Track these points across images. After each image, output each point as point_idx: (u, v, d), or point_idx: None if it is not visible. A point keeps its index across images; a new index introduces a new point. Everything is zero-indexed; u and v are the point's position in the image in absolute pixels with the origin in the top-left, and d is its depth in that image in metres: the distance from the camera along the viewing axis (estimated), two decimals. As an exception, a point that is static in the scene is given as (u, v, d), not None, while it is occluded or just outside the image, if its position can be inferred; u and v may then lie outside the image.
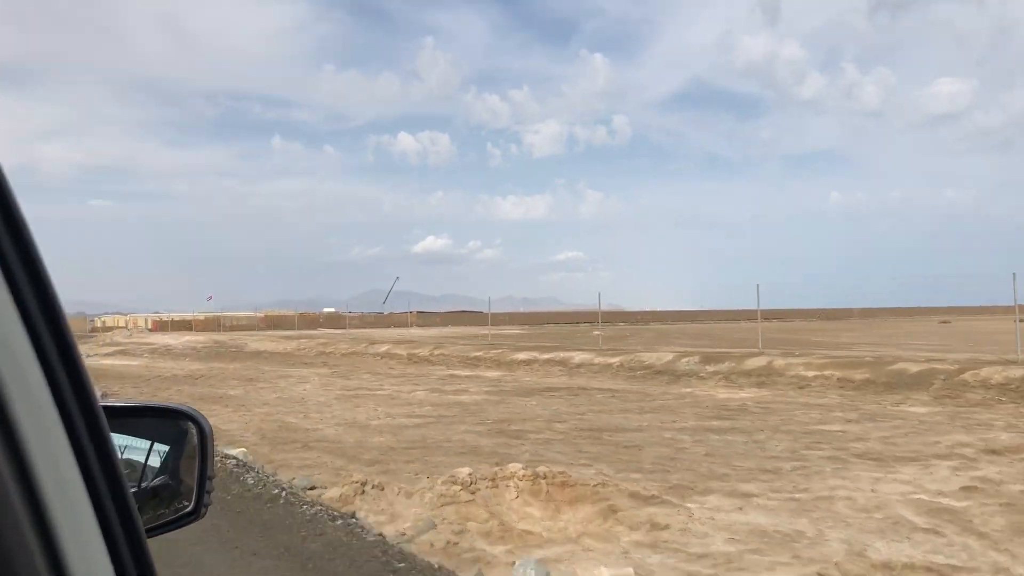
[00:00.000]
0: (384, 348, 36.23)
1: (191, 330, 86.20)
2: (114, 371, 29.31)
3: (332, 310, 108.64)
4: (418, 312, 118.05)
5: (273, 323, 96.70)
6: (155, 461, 1.55)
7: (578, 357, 26.50)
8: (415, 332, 57.76)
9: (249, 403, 18.52)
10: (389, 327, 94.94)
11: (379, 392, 20.34)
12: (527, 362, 27.58)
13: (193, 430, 1.54)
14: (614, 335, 56.91)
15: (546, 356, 27.74)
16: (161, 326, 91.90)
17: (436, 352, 32.71)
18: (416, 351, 34.19)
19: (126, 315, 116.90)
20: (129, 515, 0.92)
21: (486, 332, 64.70)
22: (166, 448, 1.56)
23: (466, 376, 24.72)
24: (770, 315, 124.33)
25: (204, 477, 1.52)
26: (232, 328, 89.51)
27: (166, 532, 1.46)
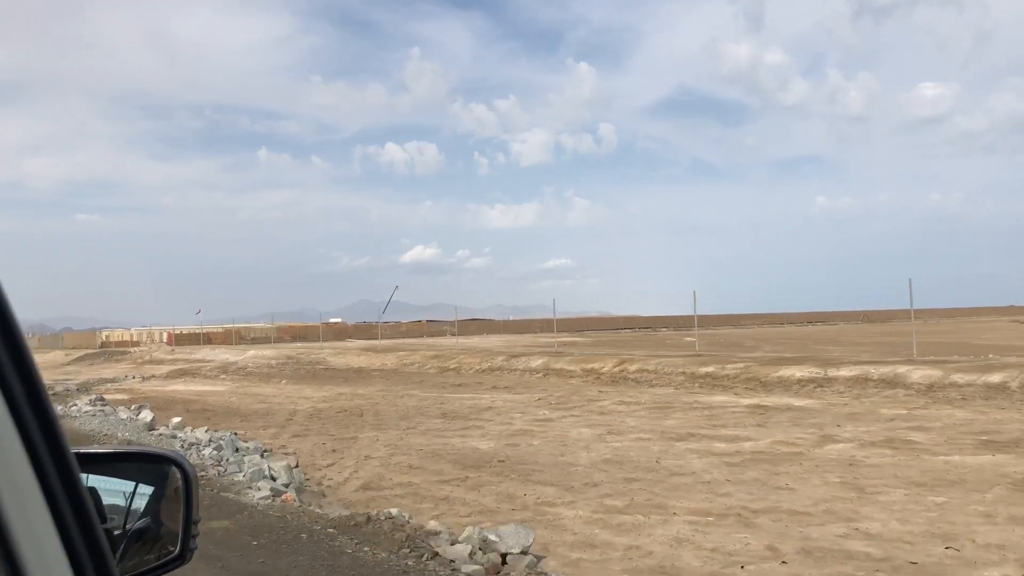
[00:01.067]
0: (538, 363, 27.64)
1: (212, 343, 77.54)
2: (215, 404, 20.52)
3: (338, 320, 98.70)
4: (427, 321, 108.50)
5: (297, 334, 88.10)
6: (139, 503, 1.51)
7: (916, 374, 18.03)
8: (505, 341, 49.30)
9: (614, 487, 9.89)
10: (421, 336, 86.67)
11: (780, 452, 11.76)
12: (816, 382, 19.11)
13: (176, 474, 1.51)
14: (712, 342, 48.33)
15: (846, 372, 19.26)
16: (178, 340, 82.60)
17: (634, 369, 24.16)
18: (591, 366, 25.66)
19: (130, 329, 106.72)
20: (102, 558, 0.90)
21: (553, 340, 56.25)
22: (151, 489, 1.52)
23: (790, 408, 16.17)
24: (806, 318, 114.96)
25: (189, 521, 1.48)
26: (254, 340, 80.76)
27: None
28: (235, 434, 12.62)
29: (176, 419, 14.70)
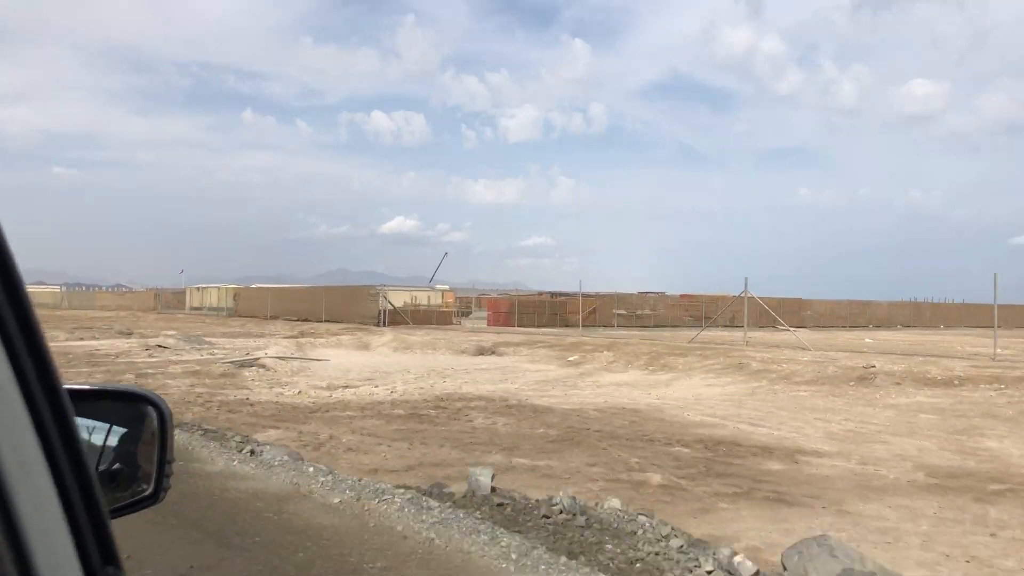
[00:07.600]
0: None
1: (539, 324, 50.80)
2: None
3: (446, 287, 67.64)
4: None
5: (703, 311, 53.88)
6: (112, 443, 1.50)
7: None
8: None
9: None
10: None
11: None
12: None
13: (153, 414, 1.49)
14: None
15: None
16: (496, 311, 55.69)
17: None
18: None
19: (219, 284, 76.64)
20: (93, 499, 0.91)
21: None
22: (124, 431, 1.51)
23: None
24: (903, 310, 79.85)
25: (163, 461, 1.47)
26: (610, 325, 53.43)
27: (124, 515, 1.41)
28: None
29: None
